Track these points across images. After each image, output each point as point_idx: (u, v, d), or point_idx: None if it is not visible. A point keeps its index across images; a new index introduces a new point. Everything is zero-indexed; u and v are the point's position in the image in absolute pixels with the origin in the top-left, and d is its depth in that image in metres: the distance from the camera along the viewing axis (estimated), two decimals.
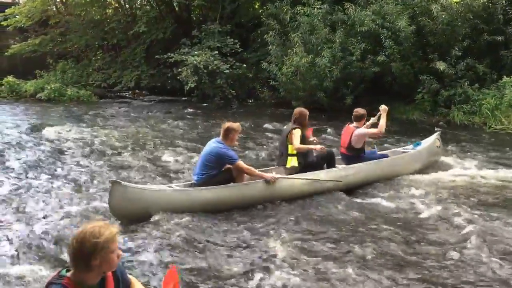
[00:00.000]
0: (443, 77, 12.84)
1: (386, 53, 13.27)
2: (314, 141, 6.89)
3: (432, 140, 8.09)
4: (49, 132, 11.36)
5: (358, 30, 13.69)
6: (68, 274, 2.43)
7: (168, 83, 19.65)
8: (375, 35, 13.57)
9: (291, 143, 6.58)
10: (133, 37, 21.58)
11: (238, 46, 17.75)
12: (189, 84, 16.38)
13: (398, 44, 13.18)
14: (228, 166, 6.04)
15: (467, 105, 12.66)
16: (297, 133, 6.59)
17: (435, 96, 13.16)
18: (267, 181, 6.06)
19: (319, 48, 14.14)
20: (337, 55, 13.81)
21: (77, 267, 2.40)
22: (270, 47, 15.46)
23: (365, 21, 13.43)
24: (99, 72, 21.68)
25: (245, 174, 6.13)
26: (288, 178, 6.35)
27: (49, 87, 18.25)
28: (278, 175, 6.25)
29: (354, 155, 7.19)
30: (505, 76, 12.31)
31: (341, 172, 6.80)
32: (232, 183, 6.03)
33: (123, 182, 5.49)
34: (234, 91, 17.15)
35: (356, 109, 7.58)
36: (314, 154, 6.88)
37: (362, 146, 7.30)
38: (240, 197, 5.96)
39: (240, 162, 6.03)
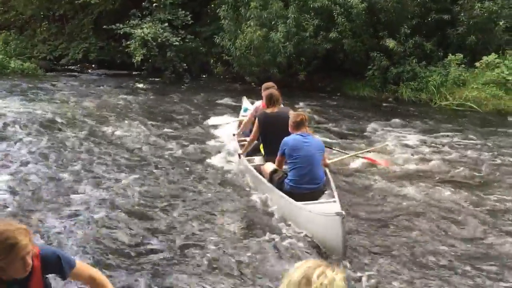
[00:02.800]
0: (393, 54, 13.12)
1: (338, 29, 13.40)
2: None
3: None
4: None
5: (311, 6, 13.71)
6: None
7: (118, 56, 19.06)
8: (328, 12, 13.63)
9: None
10: (81, 7, 20.66)
11: (190, 19, 17.38)
12: (136, 57, 15.97)
13: (350, 21, 13.31)
14: None
15: (415, 82, 13.03)
16: None
17: (384, 73, 13.45)
18: None
19: (272, 23, 14.09)
20: (291, 30, 13.81)
21: None
22: (223, 21, 15.25)
23: None
24: (44, 43, 20.74)
25: None
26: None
27: None
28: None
29: None
30: (450, 54, 12.73)
31: None
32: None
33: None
34: (186, 65, 16.87)
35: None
36: None
37: None
38: None
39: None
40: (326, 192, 5.27)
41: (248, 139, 7.17)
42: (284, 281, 1.82)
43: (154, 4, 17.64)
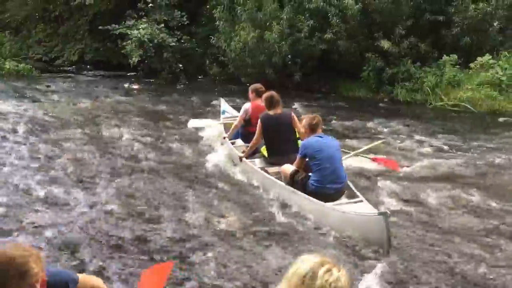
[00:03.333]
0: (388, 55, 13.17)
1: (333, 30, 13.44)
2: None
3: None
4: None
5: (306, 7, 13.75)
6: None
7: (114, 57, 19.04)
8: (323, 13, 13.67)
9: (297, 127, 6.23)
10: (76, 8, 20.64)
11: (185, 19, 17.39)
12: (133, 58, 15.95)
13: (345, 22, 13.36)
14: None
15: (410, 82, 13.07)
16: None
17: (379, 74, 13.48)
18: None
19: (267, 24, 14.11)
20: (285, 31, 13.84)
21: None
22: (218, 22, 15.27)
23: None
24: (39, 45, 20.70)
25: None
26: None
27: None
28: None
29: None
30: (445, 55, 12.79)
31: None
32: None
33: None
34: (182, 66, 16.87)
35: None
36: None
37: None
38: None
39: None
40: (346, 191, 5.32)
41: (238, 141, 7.24)
42: (290, 271, 1.83)
43: (149, 5, 17.64)
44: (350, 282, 1.81)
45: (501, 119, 10.79)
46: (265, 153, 6.38)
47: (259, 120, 6.27)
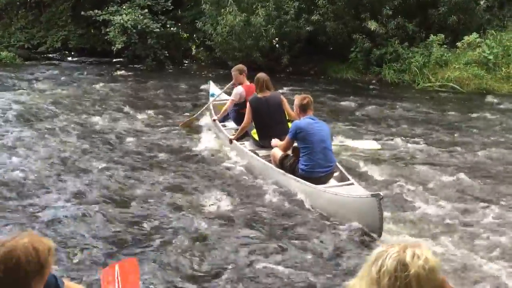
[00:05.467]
0: (375, 36, 13.11)
1: (320, 12, 13.33)
2: None
3: None
4: None
5: None
6: None
7: (98, 44, 18.71)
8: None
9: (286, 109, 6.24)
10: None
11: (170, 4, 17.09)
12: (116, 45, 15.69)
13: (331, 3, 13.25)
14: None
15: (398, 63, 13.06)
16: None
17: (367, 55, 13.45)
18: None
19: (253, 7, 13.94)
20: (272, 13, 13.69)
21: None
22: (204, 6, 15.05)
23: None
24: (22, 32, 20.23)
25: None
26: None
27: None
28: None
29: None
30: (432, 35, 12.76)
31: None
32: None
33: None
34: (167, 52, 16.63)
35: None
36: None
37: None
38: None
39: None
40: (335, 174, 5.29)
41: (229, 124, 7.23)
42: (372, 272, 1.69)
43: None
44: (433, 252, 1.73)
45: (488, 99, 10.84)
46: (255, 136, 6.34)
47: (248, 103, 6.24)
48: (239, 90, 7.00)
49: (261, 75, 6.34)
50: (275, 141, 5.73)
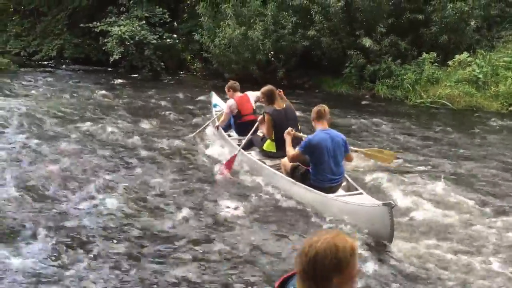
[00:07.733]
0: (369, 52, 13.46)
1: (316, 27, 13.66)
2: None
3: None
4: None
5: (290, 4, 13.94)
6: None
7: (94, 54, 18.83)
8: (306, 10, 13.88)
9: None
10: (55, 2, 20.33)
11: (167, 16, 17.35)
12: (114, 56, 15.85)
13: (327, 20, 13.60)
14: None
15: (390, 79, 13.41)
16: None
17: (361, 71, 13.79)
18: None
19: (251, 20, 14.24)
20: (269, 28, 14.00)
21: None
22: (202, 18, 15.30)
23: None
24: (17, 39, 20.28)
25: None
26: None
27: None
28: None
29: None
30: (424, 53, 13.15)
31: None
32: None
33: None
34: (163, 63, 16.83)
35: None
36: None
37: None
38: None
39: None
40: (343, 184, 5.49)
41: (233, 134, 7.47)
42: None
43: (130, 1, 17.53)
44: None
45: (478, 115, 11.19)
46: (269, 148, 6.50)
47: (267, 116, 6.40)
48: (230, 102, 7.42)
49: (270, 87, 6.53)
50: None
